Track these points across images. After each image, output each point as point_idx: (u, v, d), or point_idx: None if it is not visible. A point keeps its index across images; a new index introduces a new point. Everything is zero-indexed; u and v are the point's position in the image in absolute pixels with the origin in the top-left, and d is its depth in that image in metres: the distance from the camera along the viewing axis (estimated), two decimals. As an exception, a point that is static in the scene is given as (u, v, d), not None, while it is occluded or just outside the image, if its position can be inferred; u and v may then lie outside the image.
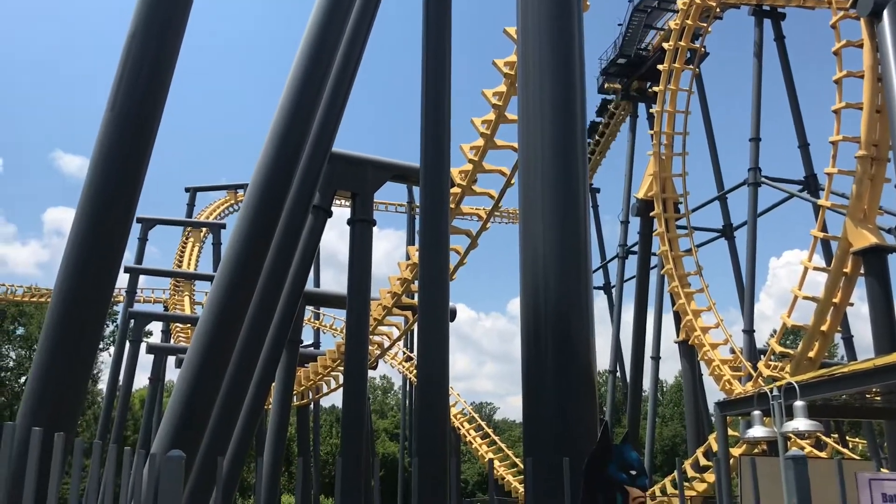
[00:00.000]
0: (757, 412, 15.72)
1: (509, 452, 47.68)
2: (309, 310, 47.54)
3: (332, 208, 22.84)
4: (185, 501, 8.93)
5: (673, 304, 35.02)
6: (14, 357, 76.61)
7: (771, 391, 15.53)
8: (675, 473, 30.83)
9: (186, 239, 55.02)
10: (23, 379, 74.59)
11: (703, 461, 29.78)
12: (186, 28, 10.04)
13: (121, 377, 42.93)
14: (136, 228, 47.92)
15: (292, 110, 12.14)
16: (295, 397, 38.12)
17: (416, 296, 27.76)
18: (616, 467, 3.21)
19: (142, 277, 48.67)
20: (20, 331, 77.02)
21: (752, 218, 33.11)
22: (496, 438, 49.38)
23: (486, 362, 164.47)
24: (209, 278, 46.24)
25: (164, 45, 9.45)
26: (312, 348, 49.64)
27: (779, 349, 26.51)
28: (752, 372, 28.12)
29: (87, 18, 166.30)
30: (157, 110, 9.34)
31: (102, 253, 8.73)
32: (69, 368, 8.45)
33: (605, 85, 47.31)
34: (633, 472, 3.23)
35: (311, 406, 51.22)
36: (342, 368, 29.27)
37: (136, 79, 9.14)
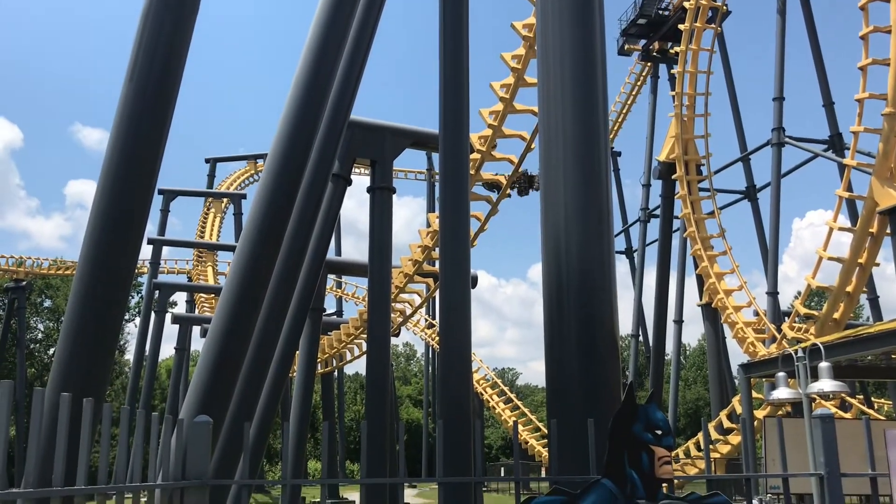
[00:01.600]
0: (782, 374, 15.67)
1: (532, 417, 48.00)
2: (331, 278, 47.82)
3: (351, 177, 22.83)
4: (213, 468, 9.07)
5: (696, 267, 34.84)
6: (42, 329, 77.97)
7: (795, 352, 15.46)
8: (700, 436, 30.82)
9: (208, 210, 55.35)
10: (51, 350, 75.89)
11: (726, 423, 29.82)
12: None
13: (147, 347, 43.58)
14: (157, 200, 48.27)
15: (310, 79, 12.09)
16: (319, 365, 38.48)
17: (436, 263, 27.81)
18: (641, 427, 3.20)
19: (165, 249, 49.14)
20: (47, 303, 78.29)
21: (776, 179, 32.72)
22: (519, 403, 49.71)
23: (508, 328, 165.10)
24: (231, 248, 46.58)
25: (180, 14, 9.41)
26: (335, 316, 50.06)
27: (803, 311, 26.30)
28: (777, 334, 27.98)
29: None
30: (175, 81, 9.33)
31: (125, 224, 8.79)
32: (96, 338, 8.57)
33: (626, 46, 46.66)
34: (659, 432, 3.21)
35: (335, 373, 51.77)
36: (365, 336, 29.46)
37: (154, 50, 9.13)
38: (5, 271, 59.09)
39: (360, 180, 54.26)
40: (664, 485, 3.21)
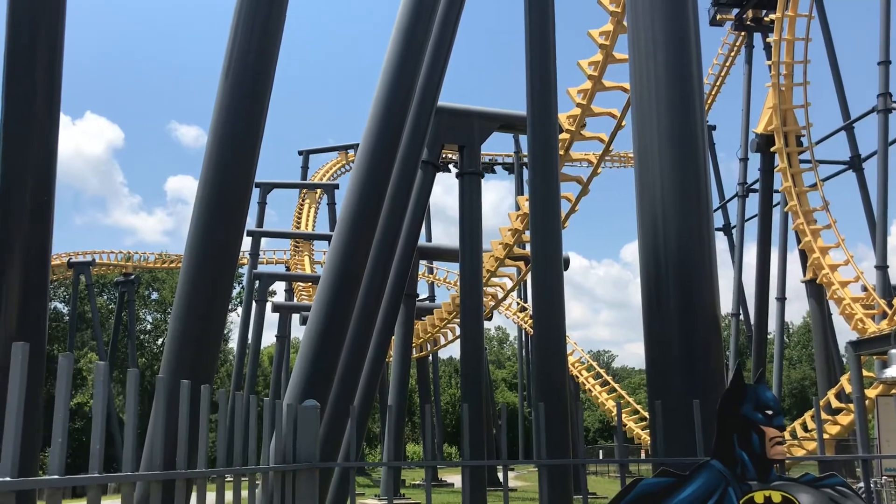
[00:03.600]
0: (894, 350, 14.98)
1: (630, 399, 47.40)
2: (422, 264, 48.29)
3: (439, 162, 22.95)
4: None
5: (798, 242, 33.54)
6: (150, 320, 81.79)
7: (909, 329, 14.73)
8: (806, 416, 29.76)
9: (303, 201, 56.67)
10: (160, 340, 79.60)
11: (835, 403, 28.69)
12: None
13: (249, 335, 45.13)
14: (255, 193, 49.73)
15: (398, 67, 12.19)
16: (413, 350, 38.99)
17: (527, 246, 27.70)
18: (751, 407, 3.12)
19: (263, 240, 50.64)
20: (154, 295, 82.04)
21: (883, 147, 31.07)
22: (616, 386, 49.14)
23: (602, 310, 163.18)
24: (326, 237, 47.64)
25: (272, 9, 9.63)
26: (428, 301, 50.55)
27: (916, 284, 24.99)
28: (887, 309, 26.65)
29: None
30: (269, 74, 9.58)
31: (227, 216, 9.10)
32: (204, 326, 8.93)
33: (718, 16, 45.10)
34: (770, 412, 3.13)
35: (430, 358, 52.35)
36: (458, 320, 29.68)
37: (248, 44, 9.38)
38: (115, 266, 62.22)
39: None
40: (776, 465, 3.13)
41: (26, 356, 2.25)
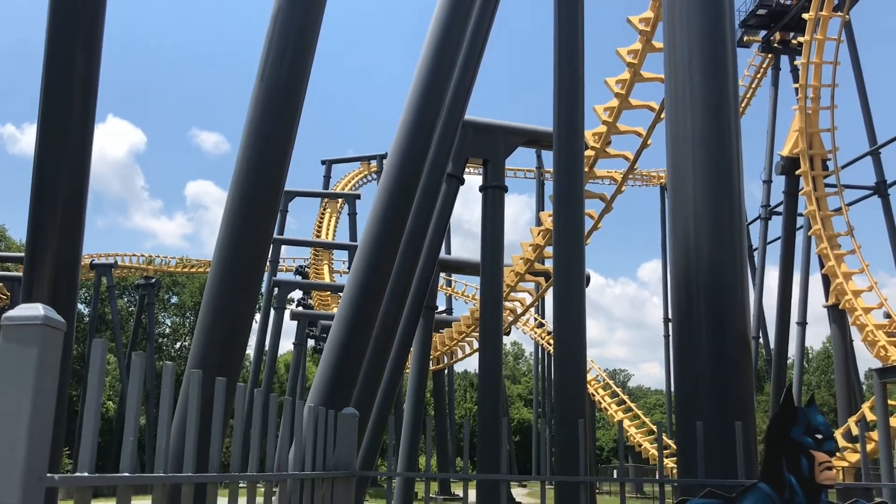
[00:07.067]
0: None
1: (646, 419, 47.01)
2: (441, 276, 48.30)
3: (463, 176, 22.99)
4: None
5: (821, 266, 33.20)
6: (169, 324, 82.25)
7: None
8: (837, 433, 29.50)
9: (324, 210, 56.88)
10: (178, 344, 80.00)
11: (855, 431, 28.32)
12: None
13: (267, 342, 45.26)
14: (276, 201, 49.95)
15: (427, 81, 12.25)
16: (430, 362, 38.95)
17: (547, 261, 27.63)
18: (801, 431, 3.08)
19: (283, 247, 50.86)
20: (174, 299, 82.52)
21: (911, 173, 30.78)
22: (632, 405, 48.78)
23: (618, 329, 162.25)
24: (346, 247, 47.82)
25: (307, 21, 9.72)
26: (446, 314, 50.53)
27: (942, 313, 24.67)
28: (911, 338, 26.34)
29: (212, 7, 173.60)
30: (303, 82, 9.66)
31: (257, 221, 9.16)
32: (230, 330, 8.97)
33: (745, 38, 44.97)
34: (820, 436, 3.10)
35: (446, 371, 52.24)
36: (476, 334, 29.60)
37: (283, 53, 9.47)
38: (136, 269, 62.68)
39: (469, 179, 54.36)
40: (826, 491, 3.09)
41: (105, 352, 2.28)
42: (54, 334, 2.10)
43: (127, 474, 2.52)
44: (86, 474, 2.34)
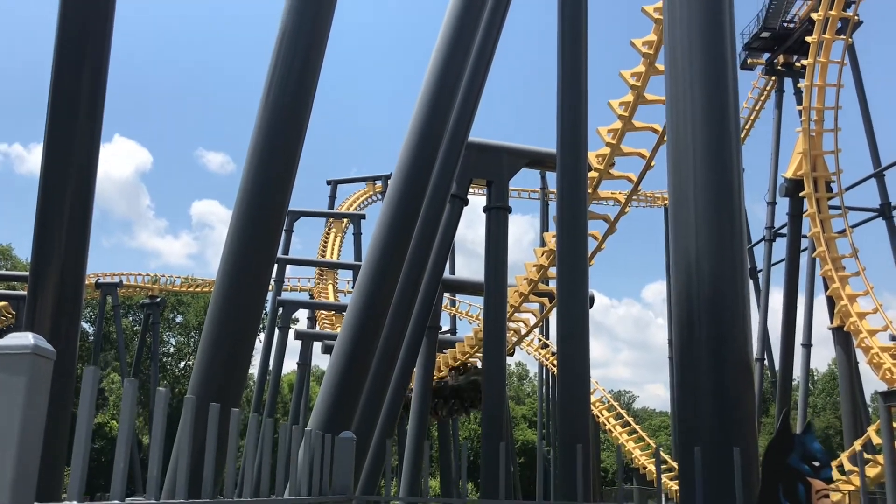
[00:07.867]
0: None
1: (651, 441, 46.73)
2: (445, 296, 48.22)
3: (467, 197, 23.04)
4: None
5: (826, 288, 33.12)
6: (174, 343, 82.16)
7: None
8: (843, 457, 29.09)
9: (329, 230, 56.96)
10: (182, 364, 79.87)
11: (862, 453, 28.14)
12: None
13: (271, 362, 45.18)
14: (281, 220, 50.04)
15: (432, 103, 12.33)
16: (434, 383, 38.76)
17: (551, 282, 27.60)
18: (798, 457, 3.07)
19: (288, 267, 50.90)
20: (178, 319, 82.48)
21: (915, 195, 30.78)
22: (637, 427, 48.50)
23: (622, 350, 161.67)
24: (351, 267, 47.81)
25: (314, 37, 9.78)
26: (449, 334, 50.39)
27: (948, 336, 24.56)
28: (917, 360, 26.20)
29: (224, 24, 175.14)
30: (308, 103, 9.71)
31: (261, 241, 9.18)
32: (233, 350, 8.97)
33: (748, 60, 45.17)
34: (817, 464, 3.09)
35: (449, 392, 51.96)
36: (479, 354, 29.52)
37: (288, 74, 9.53)
38: (141, 288, 62.75)
39: (473, 200, 54.48)
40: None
41: (97, 380, 2.27)
42: (44, 363, 2.09)
43: (117, 502, 2.52)
44: (74, 503, 2.34)
